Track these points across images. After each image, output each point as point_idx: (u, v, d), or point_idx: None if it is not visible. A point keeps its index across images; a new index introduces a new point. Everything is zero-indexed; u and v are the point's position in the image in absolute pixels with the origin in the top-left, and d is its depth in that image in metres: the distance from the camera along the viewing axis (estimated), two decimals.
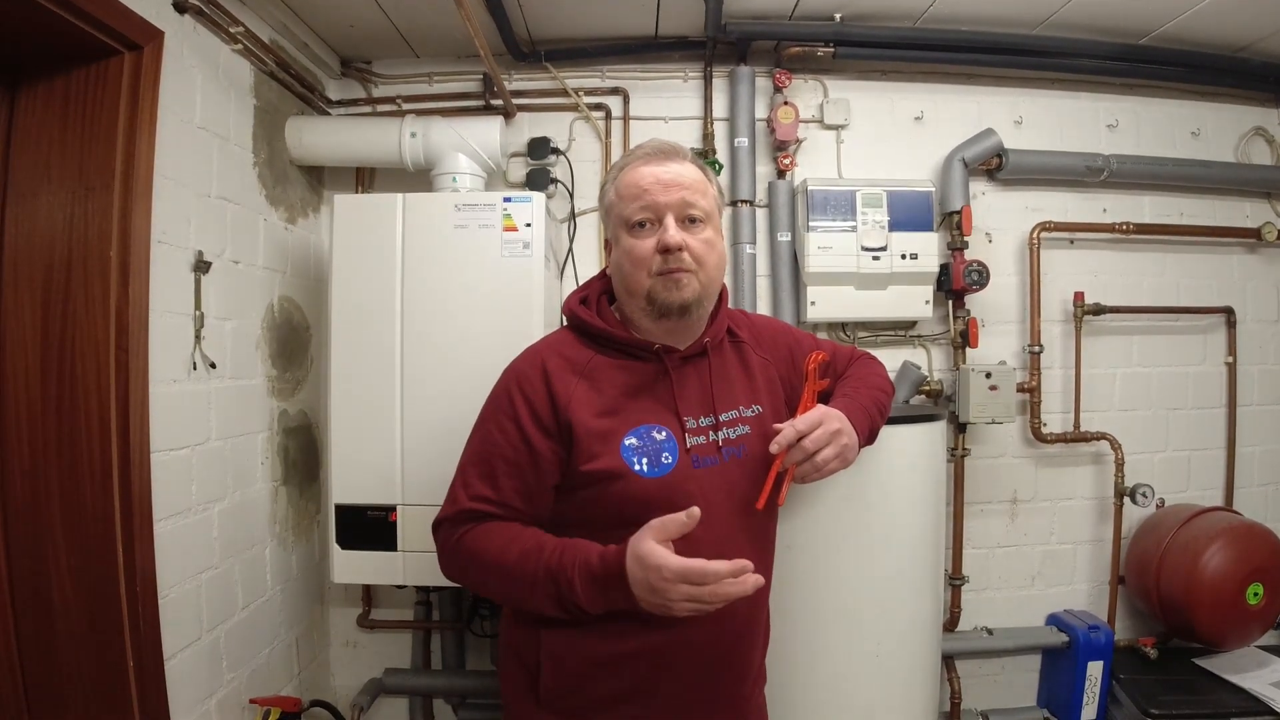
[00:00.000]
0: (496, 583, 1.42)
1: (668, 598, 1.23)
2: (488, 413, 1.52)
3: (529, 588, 1.34)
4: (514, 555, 1.36)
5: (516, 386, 1.48)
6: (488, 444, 1.47)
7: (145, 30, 1.85)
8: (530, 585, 1.34)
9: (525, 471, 1.43)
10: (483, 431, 1.50)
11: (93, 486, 1.79)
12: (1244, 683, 2.64)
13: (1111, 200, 3.06)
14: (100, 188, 1.79)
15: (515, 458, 1.43)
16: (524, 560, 1.35)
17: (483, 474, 1.45)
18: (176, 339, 2.05)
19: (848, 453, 1.47)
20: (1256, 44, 2.86)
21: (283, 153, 2.60)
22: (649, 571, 1.23)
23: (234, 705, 2.25)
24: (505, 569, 1.37)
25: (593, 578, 1.30)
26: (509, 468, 1.43)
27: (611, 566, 1.28)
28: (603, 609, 1.32)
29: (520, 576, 1.35)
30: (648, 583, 1.23)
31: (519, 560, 1.35)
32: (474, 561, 1.42)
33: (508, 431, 1.45)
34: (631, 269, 1.46)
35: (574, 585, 1.29)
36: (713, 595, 1.23)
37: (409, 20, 2.63)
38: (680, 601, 1.23)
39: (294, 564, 2.67)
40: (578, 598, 1.30)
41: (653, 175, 1.45)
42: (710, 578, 1.22)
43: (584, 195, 2.93)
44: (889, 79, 3.00)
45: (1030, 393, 2.93)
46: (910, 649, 2.20)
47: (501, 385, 1.52)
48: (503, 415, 1.47)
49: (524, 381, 1.47)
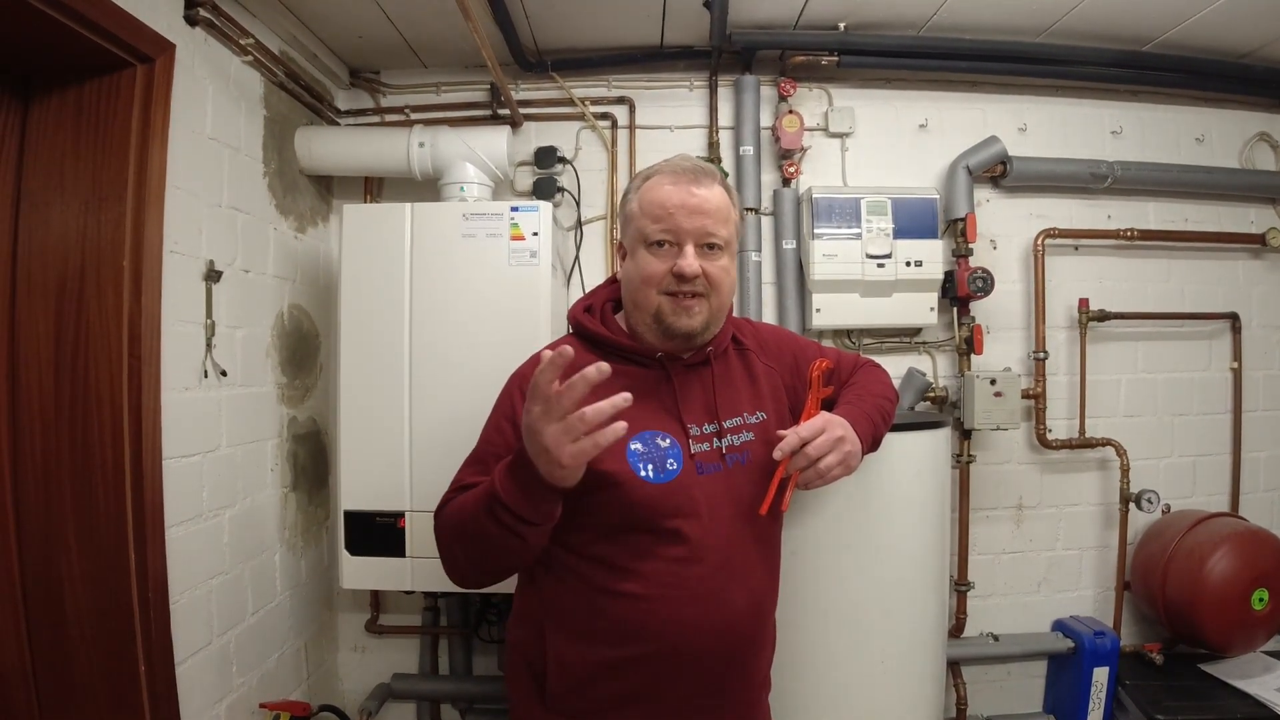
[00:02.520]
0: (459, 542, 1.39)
1: (542, 438, 1.16)
2: (491, 417, 1.55)
3: (476, 524, 1.31)
4: (468, 502, 1.35)
5: (518, 390, 1.51)
6: (485, 444, 1.52)
7: (157, 43, 1.88)
8: (475, 520, 1.31)
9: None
10: (484, 434, 1.54)
11: (105, 493, 1.80)
12: (1249, 688, 2.64)
13: (1116, 206, 3.06)
14: (113, 198, 1.81)
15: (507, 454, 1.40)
16: (474, 499, 1.33)
17: (476, 471, 1.47)
18: (188, 347, 2.07)
19: (850, 460, 1.48)
20: (1260, 50, 2.86)
21: (292, 162, 2.63)
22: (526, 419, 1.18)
23: (244, 710, 2.27)
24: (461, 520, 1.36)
25: (506, 465, 1.27)
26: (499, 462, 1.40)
27: (520, 451, 1.24)
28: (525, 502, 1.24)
29: (469, 515, 1.33)
30: (529, 429, 1.17)
31: (470, 502, 1.34)
32: (445, 532, 1.42)
33: (504, 432, 1.49)
34: (642, 284, 1.48)
35: (495, 484, 1.26)
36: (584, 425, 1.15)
37: (417, 31, 2.66)
38: (556, 438, 1.15)
39: (303, 569, 2.69)
40: (500, 495, 1.24)
41: (679, 198, 1.46)
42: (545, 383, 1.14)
43: (590, 204, 2.95)
44: (893, 87, 3.01)
45: (1035, 399, 2.93)
46: (916, 655, 2.20)
47: (505, 390, 1.56)
48: (502, 417, 1.51)
49: (526, 384, 1.48)
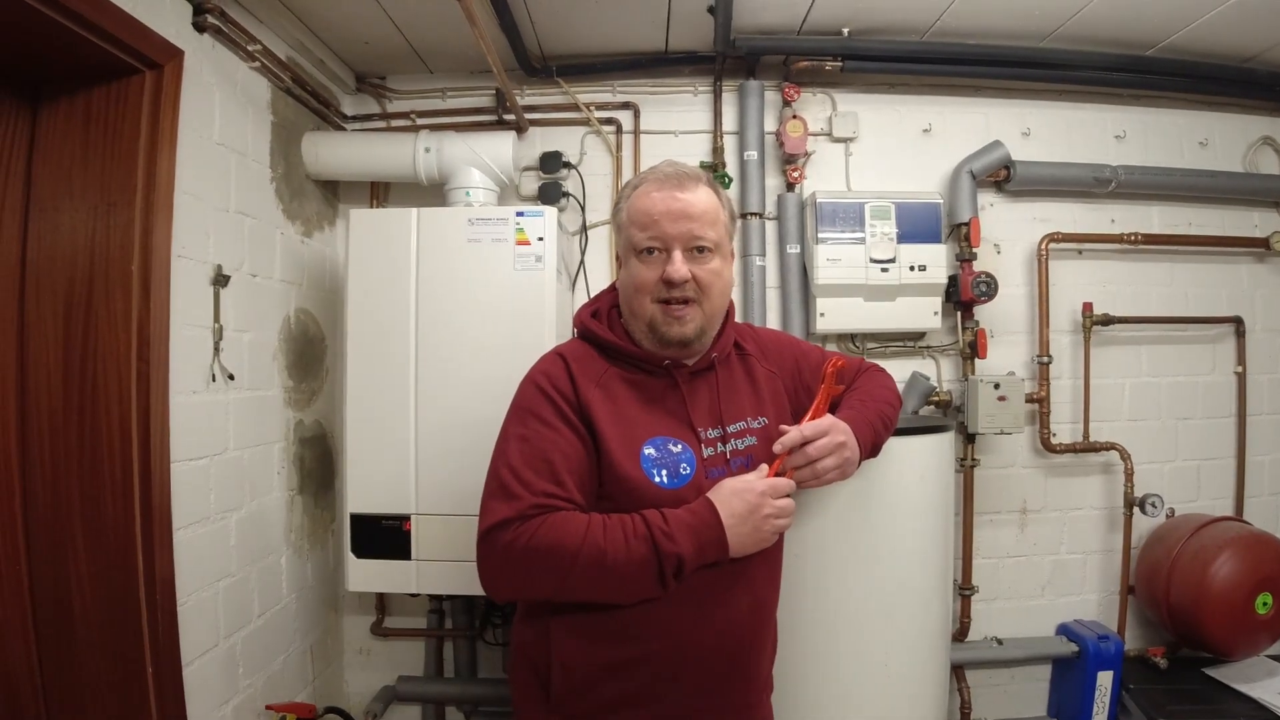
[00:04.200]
0: (583, 569, 1.32)
1: (763, 514, 1.39)
2: (521, 416, 1.47)
3: (624, 562, 1.32)
4: (602, 533, 1.33)
5: (548, 384, 1.47)
6: (539, 442, 1.42)
7: (165, 49, 1.90)
8: (625, 558, 1.32)
9: (582, 465, 1.42)
10: (523, 433, 1.44)
11: (113, 495, 1.82)
12: (1253, 692, 2.63)
13: (1120, 211, 3.07)
14: (121, 203, 1.83)
15: (569, 450, 1.41)
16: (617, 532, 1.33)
17: (540, 472, 1.39)
18: (196, 351, 2.08)
19: (847, 466, 1.49)
20: (1263, 54, 2.87)
21: (299, 167, 2.64)
22: (745, 494, 1.38)
23: (250, 711, 2.28)
24: (596, 550, 1.31)
25: (689, 527, 1.35)
26: (567, 462, 1.40)
27: (701, 513, 1.37)
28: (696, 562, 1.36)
29: (614, 551, 1.32)
30: (746, 506, 1.38)
31: (608, 536, 1.33)
32: (555, 553, 1.32)
33: (556, 427, 1.43)
34: (635, 293, 1.49)
35: (674, 538, 1.33)
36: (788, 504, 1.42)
37: (423, 37, 2.67)
38: (772, 519, 1.40)
39: (309, 572, 2.70)
40: (679, 548, 1.33)
41: (663, 204, 1.46)
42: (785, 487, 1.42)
43: (595, 208, 2.96)
44: (897, 92, 3.02)
45: (1039, 403, 2.93)
46: (919, 658, 2.20)
47: (530, 389, 1.49)
48: (546, 413, 1.44)
49: (553, 379, 1.48)
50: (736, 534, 1.36)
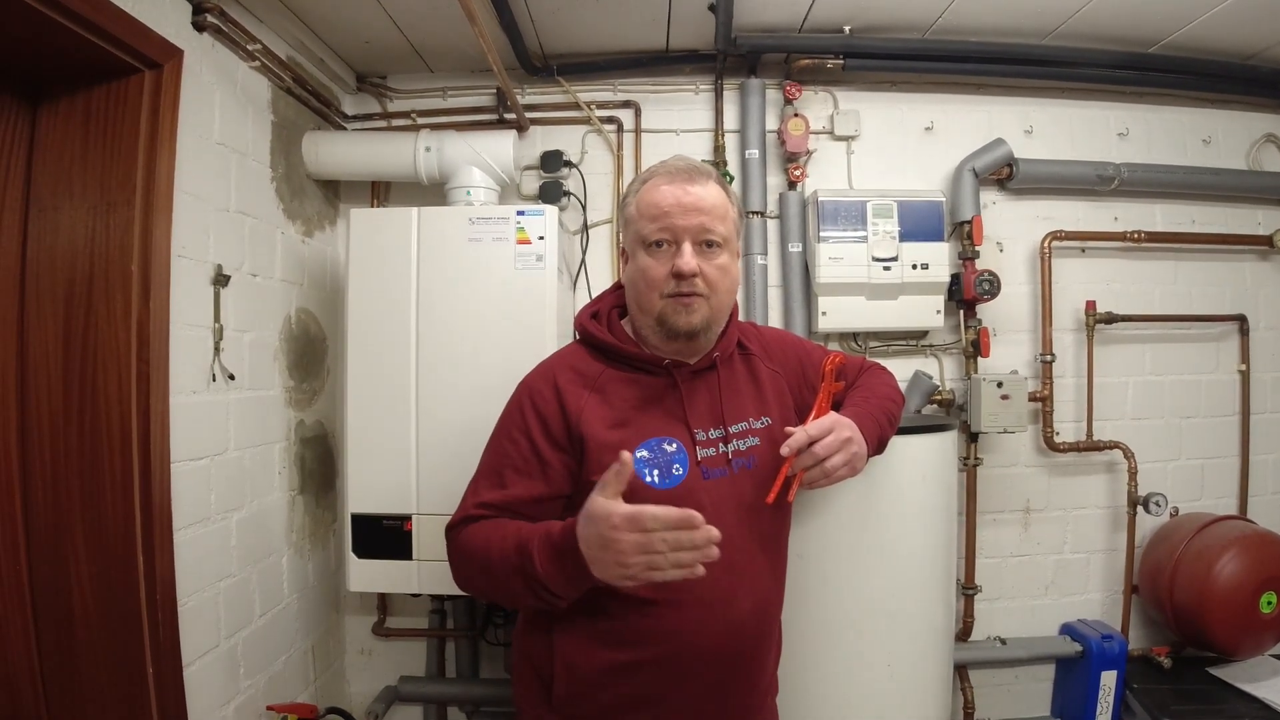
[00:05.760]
0: (480, 575, 1.41)
1: (619, 550, 1.17)
2: (501, 427, 1.54)
3: (503, 573, 1.34)
4: (495, 542, 1.36)
5: (529, 400, 1.51)
6: (499, 455, 1.50)
7: (165, 49, 1.89)
8: (503, 569, 1.33)
9: (534, 480, 1.45)
10: (495, 444, 1.53)
11: (113, 496, 1.81)
12: (1258, 692, 2.62)
13: (1123, 209, 3.06)
14: (121, 203, 1.83)
15: (525, 467, 1.46)
16: (502, 544, 1.34)
17: (492, 483, 1.48)
18: (196, 351, 2.08)
19: (856, 461, 1.48)
20: (1266, 51, 2.86)
21: (299, 167, 2.64)
22: (598, 523, 1.18)
23: (251, 712, 2.27)
24: (487, 558, 1.36)
25: (551, 546, 1.28)
26: (517, 476, 1.46)
27: (569, 534, 1.25)
28: (563, 586, 1.28)
29: (497, 561, 1.34)
30: (598, 537, 1.18)
31: (498, 545, 1.35)
32: (465, 558, 1.43)
33: (519, 443, 1.48)
34: (645, 288, 1.48)
35: (533, 558, 1.28)
36: (666, 547, 1.17)
37: (423, 36, 2.67)
38: (633, 556, 1.17)
39: (310, 572, 2.69)
40: (536, 570, 1.27)
41: (674, 197, 1.46)
42: (654, 522, 1.16)
43: (596, 207, 2.95)
44: (899, 90, 3.01)
45: (1042, 402, 2.93)
46: (923, 658, 2.20)
47: (514, 400, 1.55)
48: (514, 428, 1.50)
49: (535, 395, 1.51)
50: (598, 561, 1.21)
